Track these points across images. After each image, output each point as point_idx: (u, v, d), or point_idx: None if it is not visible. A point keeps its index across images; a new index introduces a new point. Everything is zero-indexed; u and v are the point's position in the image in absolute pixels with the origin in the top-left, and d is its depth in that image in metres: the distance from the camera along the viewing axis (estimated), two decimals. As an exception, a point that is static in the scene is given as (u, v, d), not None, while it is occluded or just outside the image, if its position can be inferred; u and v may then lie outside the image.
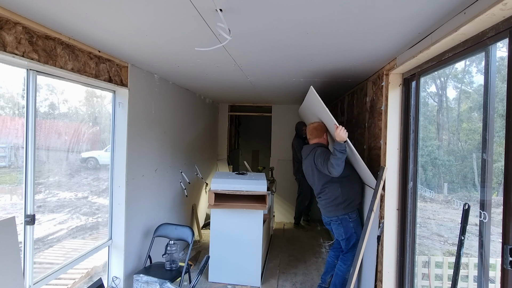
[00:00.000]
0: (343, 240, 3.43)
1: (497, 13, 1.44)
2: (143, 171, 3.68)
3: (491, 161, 1.75)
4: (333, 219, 3.40)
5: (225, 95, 5.75)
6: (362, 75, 3.49)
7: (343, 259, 3.47)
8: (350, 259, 3.41)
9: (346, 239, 3.39)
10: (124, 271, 3.37)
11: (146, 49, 2.71)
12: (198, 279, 2.94)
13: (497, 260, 2.21)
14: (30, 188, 2.32)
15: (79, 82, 2.81)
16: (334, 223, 3.41)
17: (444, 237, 4.11)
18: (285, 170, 6.86)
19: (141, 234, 3.71)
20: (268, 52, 2.68)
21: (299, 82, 4.06)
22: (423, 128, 2.95)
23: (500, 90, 1.74)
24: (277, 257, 4.89)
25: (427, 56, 2.18)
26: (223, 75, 3.71)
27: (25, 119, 2.28)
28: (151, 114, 3.82)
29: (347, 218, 3.34)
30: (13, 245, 2.09)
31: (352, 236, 3.37)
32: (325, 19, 1.89)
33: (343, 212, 3.32)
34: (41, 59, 2.22)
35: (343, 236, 3.39)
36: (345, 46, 2.45)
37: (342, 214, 3.33)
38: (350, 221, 3.35)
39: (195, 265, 4.47)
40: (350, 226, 3.36)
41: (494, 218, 1.78)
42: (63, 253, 2.81)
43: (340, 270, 3.48)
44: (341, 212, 3.33)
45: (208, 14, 1.86)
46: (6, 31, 1.95)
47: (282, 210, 6.97)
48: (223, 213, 4.00)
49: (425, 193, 2.86)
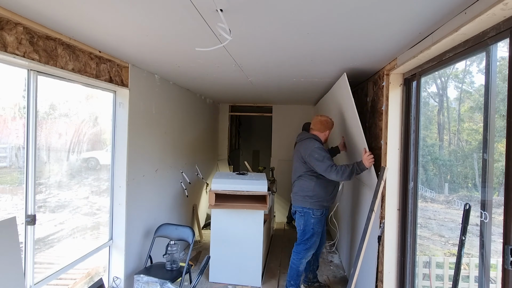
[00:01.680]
0: (299, 230, 3.57)
1: (498, 13, 1.44)
2: (144, 171, 3.69)
3: (492, 161, 1.75)
4: (298, 209, 3.55)
5: (226, 95, 5.76)
6: (362, 75, 3.49)
7: (296, 251, 3.56)
8: (302, 252, 3.51)
9: (302, 230, 3.52)
10: (125, 271, 3.37)
11: (147, 49, 2.71)
12: (198, 279, 2.94)
13: (498, 260, 2.21)
14: (31, 188, 2.32)
15: (79, 83, 2.82)
16: (298, 214, 3.56)
17: (445, 237, 4.11)
18: (286, 170, 6.85)
19: (142, 234, 3.71)
20: (268, 52, 2.68)
21: (300, 82, 4.06)
22: (424, 128, 2.95)
23: (501, 90, 1.73)
24: (278, 257, 4.89)
25: (427, 56, 2.18)
26: (223, 75, 3.71)
27: (26, 119, 2.28)
28: (151, 114, 3.82)
29: (310, 214, 3.47)
30: (14, 245, 2.09)
31: (308, 230, 3.49)
32: (325, 19, 1.89)
33: (308, 205, 3.45)
34: (42, 59, 2.22)
35: (300, 227, 3.53)
36: (346, 46, 2.45)
37: (308, 207, 3.45)
38: (313, 217, 3.47)
39: (196, 265, 4.47)
40: (310, 221, 3.48)
41: (495, 218, 1.78)
42: (64, 253, 2.82)
43: (293, 263, 3.56)
44: (307, 205, 3.45)
45: (208, 14, 1.86)
46: (7, 32, 1.95)
47: (283, 210, 6.97)
48: (224, 213, 4.00)
49: (426, 193, 2.85)
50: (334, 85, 3.82)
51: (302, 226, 3.52)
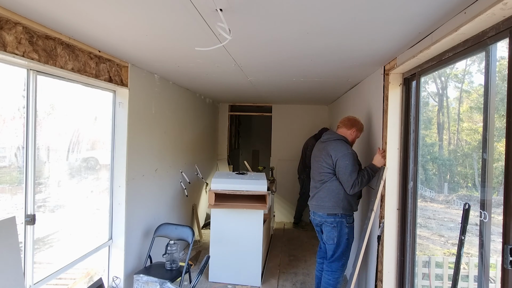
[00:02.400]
0: (331, 244, 3.08)
1: (498, 13, 1.44)
2: (143, 171, 3.68)
3: (492, 160, 1.75)
4: (329, 219, 3.05)
5: (225, 95, 5.76)
6: (362, 74, 3.49)
7: (330, 269, 3.12)
8: (339, 270, 3.09)
9: (335, 245, 3.06)
10: (124, 271, 3.37)
11: (146, 49, 2.71)
12: (198, 279, 2.94)
13: (498, 259, 2.21)
14: (31, 188, 2.32)
15: (79, 82, 2.82)
16: (328, 225, 3.07)
17: (444, 237, 4.11)
18: (286, 170, 6.87)
19: (141, 234, 3.71)
20: (268, 52, 2.68)
21: (299, 82, 4.06)
22: (424, 128, 2.95)
23: (500, 89, 1.73)
24: (278, 257, 4.89)
25: (427, 55, 2.18)
26: (223, 75, 3.71)
27: (25, 119, 2.28)
28: (151, 114, 3.82)
29: (344, 222, 3.04)
30: (14, 245, 2.09)
31: (342, 242, 3.06)
32: (325, 18, 1.89)
33: (341, 211, 3.02)
34: (41, 59, 2.22)
35: (334, 240, 3.06)
36: (345, 46, 2.45)
37: (340, 213, 3.03)
38: (347, 226, 3.05)
39: (196, 265, 4.47)
40: (345, 231, 3.04)
41: (495, 218, 1.78)
42: (64, 253, 2.81)
43: (328, 284, 3.11)
44: (339, 211, 3.02)
45: (208, 14, 1.85)
46: (6, 31, 1.95)
47: (283, 210, 6.97)
48: (223, 213, 4.00)
49: (426, 192, 2.85)
50: (360, 83, 3.74)
51: (336, 239, 3.04)
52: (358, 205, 3.34)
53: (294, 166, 6.58)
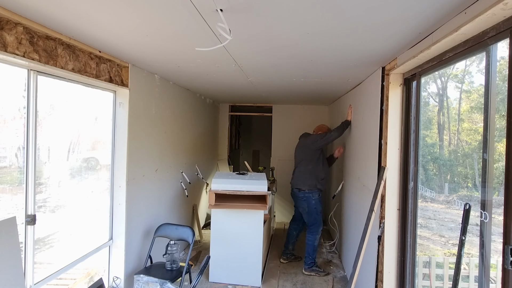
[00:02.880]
0: (305, 213, 4.42)
1: (498, 13, 1.44)
2: (144, 171, 3.69)
3: (492, 161, 1.75)
4: (300, 195, 4.39)
5: (226, 95, 5.76)
6: (362, 75, 3.48)
7: (310, 232, 4.37)
8: (316, 231, 4.34)
9: (307, 213, 4.37)
10: (125, 271, 3.37)
11: (147, 49, 2.71)
12: (198, 279, 2.94)
13: (498, 260, 2.21)
14: (31, 188, 2.32)
15: (79, 82, 2.82)
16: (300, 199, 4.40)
17: (445, 237, 4.11)
18: (286, 170, 6.86)
19: (142, 234, 3.71)
20: (268, 52, 2.68)
21: (300, 82, 4.06)
22: (424, 128, 2.95)
23: (501, 90, 1.73)
24: (278, 257, 4.88)
25: (427, 56, 2.18)
26: (223, 75, 3.71)
27: (26, 119, 2.28)
28: (151, 114, 3.82)
29: (311, 196, 4.33)
30: (14, 245, 2.09)
31: (312, 211, 4.35)
32: (325, 19, 1.89)
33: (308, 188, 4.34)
34: (42, 59, 2.22)
35: (306, 210, 4.39)
36: (346, 46, 2.45)
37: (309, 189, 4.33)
38: (313, 199, 4.34)
39: (196, 265, 4.47)
40: (312, 203, 4.34)
41: (495, 218, 1.78)
42: (64, 253, 2.81)
43: (310, 240, 4.35)
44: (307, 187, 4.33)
45: (208, 14, 1.86)
46: (7, 32, 1.95)
47: (283, 210, 6.97)
48: (224, 213, 4.00)
49: (426, 193, 2.85)
50: (362, 83, 3.80)
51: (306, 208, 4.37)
52: (358, 205, 3.36)
53: (295, 166, 6.57)
